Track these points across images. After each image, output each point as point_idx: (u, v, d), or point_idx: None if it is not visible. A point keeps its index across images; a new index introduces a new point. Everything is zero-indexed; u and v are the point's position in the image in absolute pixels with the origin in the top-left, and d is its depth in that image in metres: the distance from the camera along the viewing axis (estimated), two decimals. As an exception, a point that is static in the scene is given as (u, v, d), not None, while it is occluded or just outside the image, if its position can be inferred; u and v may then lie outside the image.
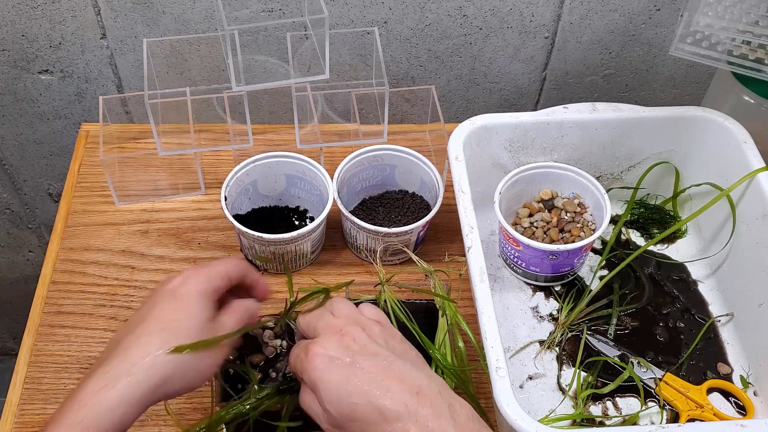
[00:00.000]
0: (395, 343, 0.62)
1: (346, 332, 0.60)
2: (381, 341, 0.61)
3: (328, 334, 0.61)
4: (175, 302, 0.61)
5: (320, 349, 0.59)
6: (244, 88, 0.86)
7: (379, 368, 0.58)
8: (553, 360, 0.82)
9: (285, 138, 1.02)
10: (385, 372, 0.57)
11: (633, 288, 0.88)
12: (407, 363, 0.59)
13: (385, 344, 0.61)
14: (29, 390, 0.79)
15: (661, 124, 0.88)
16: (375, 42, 0.91)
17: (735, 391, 0.80)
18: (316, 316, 0.64)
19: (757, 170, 0.81)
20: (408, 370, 0.59)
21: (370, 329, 0.62)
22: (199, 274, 0.63)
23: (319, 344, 0.59)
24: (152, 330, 0.59)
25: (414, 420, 0.55)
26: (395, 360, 0.59)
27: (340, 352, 0.59)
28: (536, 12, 1.01)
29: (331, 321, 0.62)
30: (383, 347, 0.60)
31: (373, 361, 0.58)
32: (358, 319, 0.62)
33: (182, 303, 0.61)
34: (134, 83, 1.08)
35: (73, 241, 0.91)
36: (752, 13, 0.80)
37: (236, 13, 0.98)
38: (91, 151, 1.00)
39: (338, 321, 0.62)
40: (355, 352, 0.59)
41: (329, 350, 0.59)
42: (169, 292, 0.62)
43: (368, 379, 0.57)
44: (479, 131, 0.85)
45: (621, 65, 1.09)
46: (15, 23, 0.99)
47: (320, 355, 0.58)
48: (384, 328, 0.63)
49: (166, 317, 0.60)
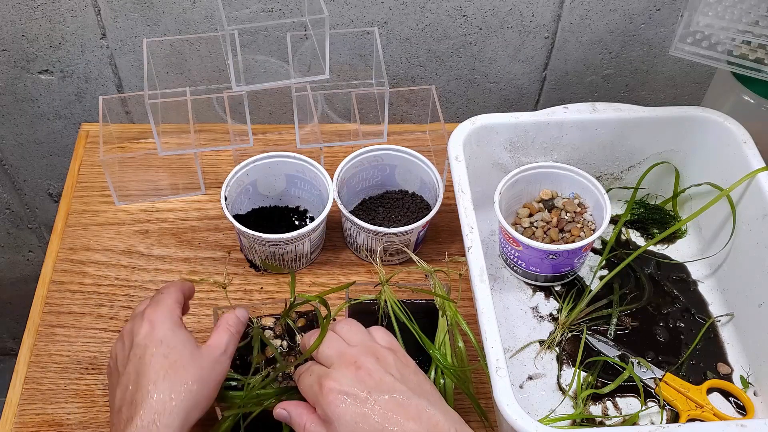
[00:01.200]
0: (410, 375, 0.62)
1: (361, 365, 0.60)
2: (396, 373, 0.61)
3: (343, 366, 0.61)
4: (158, 348, 0.62)
5: (335, 385, 0.59)
6: (244, 88, 0.86)
7: (394, 405, 0.58)
8: (553, 360, 0.82)
9: (285, 138, 1.02)
10: (401, 409, 0.58)
11: (633, 288, 0.88)
12: (423, 399, 0.60)
13: (400, 376, 0.61)
14: (29, 390, 0.79)
15: (661, 124, 0.88)
16: (375, 42, 0.91)
17: (735, 391, 0.80)
18: (327, 343, 0.64)
19: (757, 170, 0.81)
20: (424, 407, 0.59)
21: (385, 359, 0.62)
22: (160, 314, 0.64)
23: (334, 379, 0.60)
24: (156, 379, 0.60)
25: None
26: (411, 396, 0.59)
27: (356, 387, 0.59)
28: (536, 12, 1.01)
29: (345, 350, 0.62)
30: (398, 380, 0.60)
31: (389, 397, 0.58)
32: (372, 348, 0.63)
33: (164, 346, 0.62)
34: (134, 83, 1.08)
35: (73, 241, 0.91)
36: (752, 13, 0.80)
37: (236, 13, 0.98)
38: (91, 151, 1.00)
39: (352, 350, 0.62)
40: (371, 387, 0.59)
41: (344, 385, 0.59)
42: (145, 342, 0.63)
43: (384, 418, 0.57)
44: (479, 131, 0.85)
45: (621, 65, 1.09)
46: (15, 23, 0.99)
47: (336, 391, 0.59)
48: (398, 357, 0.63)
49: (160, 364, 0.61)
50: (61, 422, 0.76)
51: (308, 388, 0.62)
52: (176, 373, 0.61)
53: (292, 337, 0.74)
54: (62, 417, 0.77)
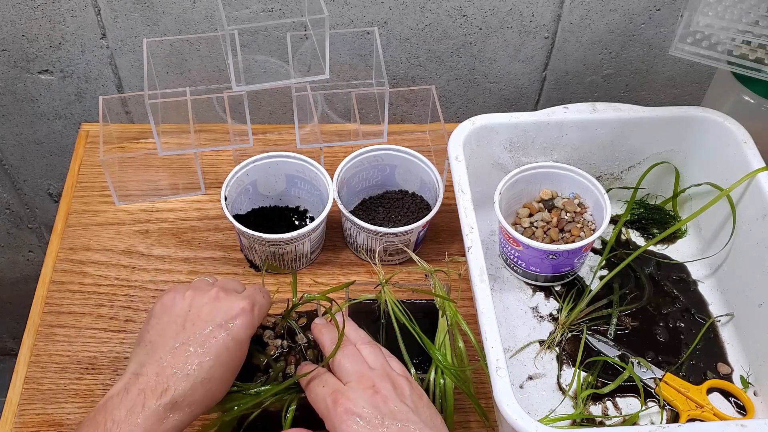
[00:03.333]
0: (423, 407, 0.62)
1: (378, 389, 0.60)
2: (410, 403, 0.61)
3: (360, 387, 0.61)
4: (230, 343, 0.62)
5: (351, 405, 0.59)
6: (244, 88, 0.86)
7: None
8: (553, 360, 0.82)
9: (285, 138, 1.02)
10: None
11: (633, 288, 0.88)
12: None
13: (414, 407, 0.61)
14: (29, 390, 0.79)
15: (661, 124, 0.88)
16: (375, 42, 0.91)
17: (735, 391, 0.80)
18: (348, 357, 0.64)
19: (757, 170, 0.81)
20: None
21: (401, 388, 0.62)
22: (256, 319, 0.65)
23: (350, 399, 0.60)
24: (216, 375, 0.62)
25: None
26: (423, 428, 0.59)
27: (371, 411, 0.59)
28: (536, 12, 1.01)
29: (365, 371, 0.62)
30: (412, 411, 0.60)
31: (401, 426, 0.59)
32: (390, 374, 0.63)
33: (234, 343, 0.63)
34: (134, 83, 1.08)
35: (73, 241, 0.91)
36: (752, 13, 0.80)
37: (236, 13, 0.98)
38: (91, 151, 1.00)
39: (372, 373, 0.62)
40: (385, 414, 0.59)
41: (360, 407, 0.59)
42: (231, 336, 0.63)
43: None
44: (479, 131, 0.85)
45: (621, 65, 1.09)
46: (15, 23, 0.99)
47: (350, 411, 0.59)
48: (413, 389, 0.63)
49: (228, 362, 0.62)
50: (61, 422, 0.76)
51: (320, 399, 0.62)
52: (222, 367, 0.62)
53: (293, 337, 0.74)
54: (62, 417, 0.77)
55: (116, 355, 0.81)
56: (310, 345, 0.74)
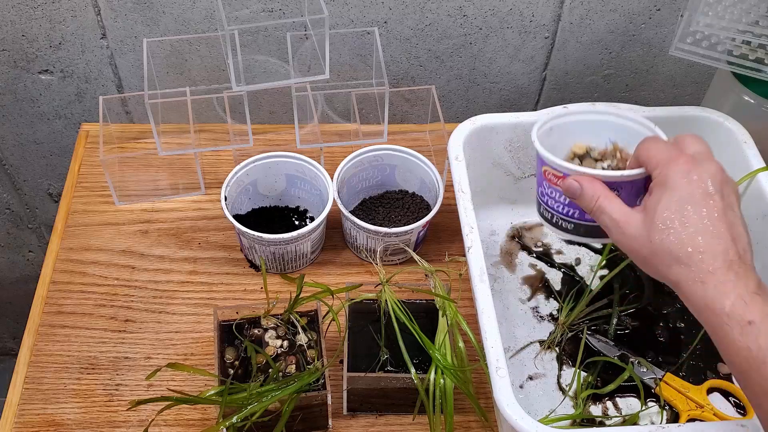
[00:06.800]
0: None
1: (721, 169, 0.59)
2: (736, 202, 0.60)
3: (708, 161, 0.59)
4: None
5: (693, 166, 0.57)
6: (244, 88, 0.86)
7: (725, 219, 0.57)
8: (553, 360, 0.82)
9: (285, 138, 1.02)
10: (728, 226, 0.56)
11: (633, 288, 0.88)
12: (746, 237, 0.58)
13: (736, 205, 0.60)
14: (29, 390, 0.79)
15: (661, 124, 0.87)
16: (375, 42, 0.91)
17: (735, 391, 0.80)
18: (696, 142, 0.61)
19: (757, 170, 0.81)
20: (747, 243, 0.58)
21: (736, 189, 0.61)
22: None
23: (695, 161, 0.58)
24: None
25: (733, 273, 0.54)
26: (739, 223, 0.58)
27: (709, 180, 0.57)
28: (536, 12, 1.01)
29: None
30: (737, 207, 0.59)
31: (725, 206, 0.57)
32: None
33: None
34: (134, 83, 1.08)
35: (73, 241, 0.91)
36: (752, 13, 0.80)
37: (236, 13, 0.98)
38: (91, 151, 1.00)
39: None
40: (718, 191, 0.57)
41: (700, 171, 0.57)
42: None
43: (711, 221, 0.56)
44: (479, 131, 0.85)
45: (621, 65, 1.09)
46: (15, 23, 0.99)
47: (691, 171, 0.57)
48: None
49: None
50: (61, 422, 0.76)
51: (663, 149, 0.60)
52: None
53: (294, 335, 0.74)
54: (62, 417, 0.77)
55: (116, 355, 0.81)
56: (311, 345, 0.74)
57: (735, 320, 0.53)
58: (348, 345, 0.74)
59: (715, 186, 0.57)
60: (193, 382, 0.79)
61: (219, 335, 0.74)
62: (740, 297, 0.53)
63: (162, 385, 0.79)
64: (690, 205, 0.56)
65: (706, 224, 0.56)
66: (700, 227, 0.55)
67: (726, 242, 0.55)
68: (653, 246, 0.57)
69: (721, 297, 0.54)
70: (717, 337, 0.55)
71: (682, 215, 0.56)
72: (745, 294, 0.53)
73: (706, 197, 0.56)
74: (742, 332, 0.53)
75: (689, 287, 0.55)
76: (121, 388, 0.79)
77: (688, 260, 0.55)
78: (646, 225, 0.57)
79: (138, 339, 0.83)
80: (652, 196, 0.58)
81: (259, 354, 0.72)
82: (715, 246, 0.55)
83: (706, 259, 0.55)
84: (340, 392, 0.75)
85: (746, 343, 0.53)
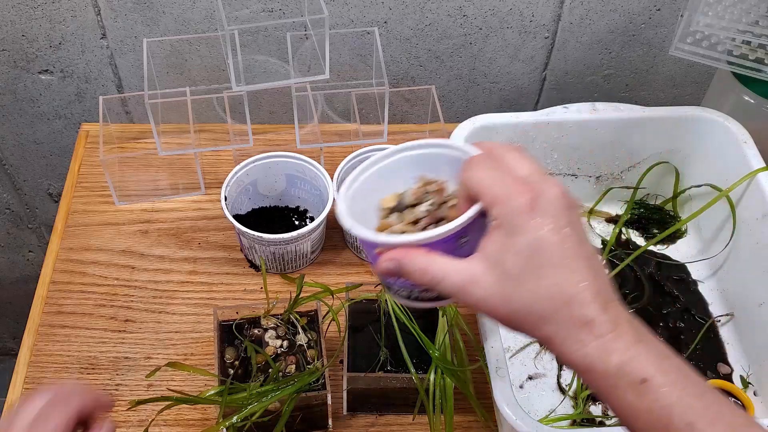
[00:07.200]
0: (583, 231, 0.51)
1: (564, 192, 0.49)
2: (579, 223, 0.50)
3: (550, 183, 0.48)
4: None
5: (555, 190, 0.48)
6: (244, 88, 0.86)
7: (577, 246, 0.47)
8: (553, 360, 0.82)
9: (285, 138, 1.02)
10: (580, 250, 0.47)
11: (633, 288, 0.88)
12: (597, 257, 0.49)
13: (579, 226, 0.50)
14: (29, 390, 0.79)
15: (661, 124, 0.88)
16: (375, 42, 0.91)
17: (735, 391, 0.80)
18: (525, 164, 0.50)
19: (757, 170, 0.81)
20: (599, 266, 0.49)
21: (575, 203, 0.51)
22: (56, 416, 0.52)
23: (552, 184, 0.48)
24: None
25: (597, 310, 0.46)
26: (585, 243, 0.48)
27: (556, 210, 0.48)
28: (536, 12, 1.01)
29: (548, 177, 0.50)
30: (581, 231, 0.50)
31: (574, 232, 0.48)
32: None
33: None
34: (134, 83, 1.08)
35: (73, 241, 0.91)
36: (752, 13, 0.80)
37: (236, 13, 0.98)
38: (91, 151, 1.00)
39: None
40: (564, 218, 0.48)
41: (543, 203, 0.47)
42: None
43: (565, 253, 0.47)
44: (479, 131, 0.85)
45: (621, 65, 1.09)
46: (15, 23, 0.99)
47: (561, 195, 0.48)
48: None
49: None
50: (61, 422, 0.76)
51: (496, 180, 0.48)
52: None
53: (294, 335, 0.74)
54: (62, 417, 0.77)
55: (116, 355, 0.81)
56: (311, 345, 0.74)
57: (626, 381, 0.45)
58: (348, 345, 0.74)
59: (563, 217, 0.47)
60: (193, 382, 0.79)
61: (219, 335, 0.74)
62: (625, 350, 0.45)
63: (162, 385, 0.79)
64: (541, 249, 0.46)
65: (564, 268, 0.46)
66: (559, 274, 0.46)
67: (591, 284, 0.46)
68: (511, 306, 0.47)
69: (604, 355, 0.45)
70: (610, 401, 0.47)
71: (535, 264, 0.46)
72: (629, 345, 0.45)
73: (557, 235, 0.47)
74: (637, 393, 0.45)
75: (565, 347, 0.46)
76: (121, 388, 0.79)
77: (554, 316, 0.46)
78: (496, 281, 0.48)
79: (138, 339, 0.83)
80: (495, 243, 0.48)
81: (259, 354, 0.72)
82: (580, 293, 0.46)
83: (575, 312, 0.46)
84: (340, 392, 0.75)
85: (646, 404, 0.45)
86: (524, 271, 0.47)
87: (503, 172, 0.49)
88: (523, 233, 0.47)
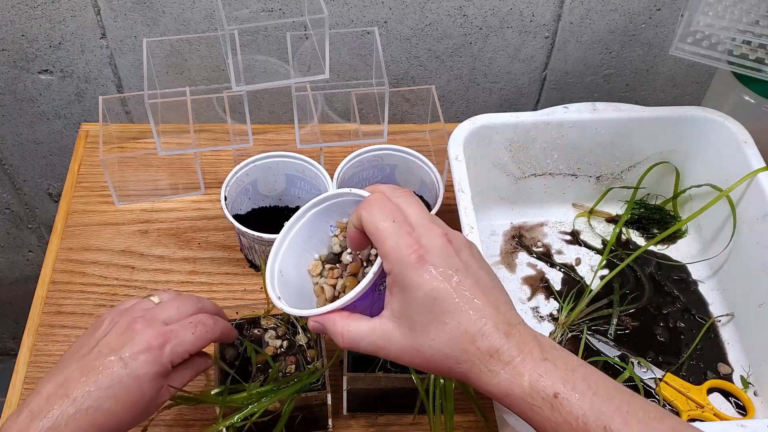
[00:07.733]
0: (485, 268, 0.55)
1: (451, 239, 0.53)
2: (476, 261, 0.54)
3: (434, 234, 0.52)
4: (132, 382, 0.58)
5: (423, 252, 0.51)
6: (244, 88, 0.86)
7: (478, 290, 0.51)
8: (553, 360, 0.82)
9: (285, 138, 1.02)
10: (483, 296, 0.51)
11: (633, 288, 0.88)
12: (502, 293, 0.53)
13: (478, 264, 0.54)
14: (29, 390, 0.78)
15: (661, 124, 0.88)
16: (375, 42, 0.91)
17: (735, 391, 0.80)
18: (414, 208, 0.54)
19: (757, 170, 0.81)
20: (503, 300, 0.53)
21: (470, 245, 0.55)
22: (166, 357, 0.60)
23: (437, 232, 0.52)
24: (104, 407, 0.57)
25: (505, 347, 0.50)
26: (492, 286, 0.53)
27: (447, 261, 0.51)
28: (536, 12, 1.01)
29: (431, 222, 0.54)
30: (482, 268, 0.54)
31: (473, 281, 0.52)
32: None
33: (138, 386, 0.59)
34: (134, 83, 1.08)
35: (73, 241, 0.91)
36: (752, 13, 0.80)
37: (236, 13, 0.98)
38: (91, 151, 1.00)
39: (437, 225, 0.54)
40: (459, 267, 0.51)
41: (433, 254, 0.51)
42: (128, 370, 0.58)
43: (464, 300, 0.50)
44: (479, 131, 0.85)
45: (621, 65, 1.09)
46: (15, 23, 0.99)
47: (445, 245, 0.51)
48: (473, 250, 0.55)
49: (121, 397, 0.58)
50: (61, 422, 0.76)
51: (388, 232, 0.51)
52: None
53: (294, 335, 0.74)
54: (62, 417, 0.77)
55: (116, 355, 0.81)
56: (311, 345, 0.74)
57: (540, 398, 0.49)
58: (348, 345, 0.74)
59: (452, 264, 0.51)
60: (193, 382, 0.79)
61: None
62: (534, 369, 0.49)
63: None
64: (438, 299, 0.50)
65: (462, 311, 0.50)
66: (458, 317, 0.50)
67: (491, 316, 0.50)
68: (425, 355, 0.51)
69: (516, 378, 0.49)
70: (534, 422, 0.50)
71: (436, 312, 0.50)
72: (538, 364, 0.49)
73: (448, 283, 0.50)
74: (553, 409, 0.49)
75: (482, 380, 0.50)
76: (121, 388, 0.79)
77: (464, 355, 0.50)
78: (406, 335, 0.51)
79: (138, 339, 0.83)
80: (396, 300, 0.52)
81: (259, 354, 0.72)
82: (482, 327, 0.50)
83: (481, 345, 0.49)
84: (340, 392, 0.75)
85: (563, 417, 0.48)
86: (428, 321, 0.50)
87: (395, 220, 0.52)
88: (417, 288, 0.50)
